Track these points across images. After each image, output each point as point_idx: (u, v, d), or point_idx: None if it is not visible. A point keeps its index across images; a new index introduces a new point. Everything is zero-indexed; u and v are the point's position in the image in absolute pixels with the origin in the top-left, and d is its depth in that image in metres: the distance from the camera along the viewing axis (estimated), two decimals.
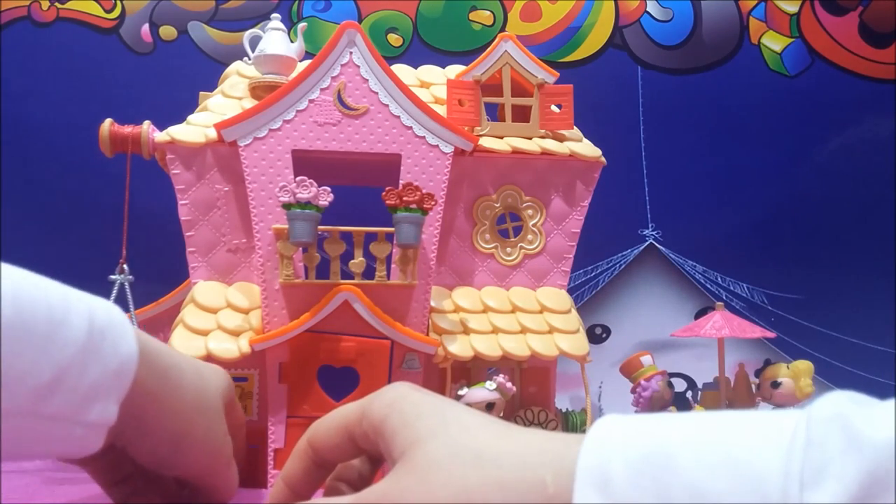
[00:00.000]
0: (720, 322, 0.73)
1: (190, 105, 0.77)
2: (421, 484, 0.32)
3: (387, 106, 0.69)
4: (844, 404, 0.27)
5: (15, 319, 0.34)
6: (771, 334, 0.79)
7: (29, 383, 0.34)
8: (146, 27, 1.14)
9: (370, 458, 0.41)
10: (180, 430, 0.44)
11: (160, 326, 0.80)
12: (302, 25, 0.79)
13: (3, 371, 0.33)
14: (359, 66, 0.69)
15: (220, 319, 0.68)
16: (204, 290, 0.70)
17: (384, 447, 0.36)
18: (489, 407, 0.67)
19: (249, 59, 0.77)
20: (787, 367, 0.76)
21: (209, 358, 0.65)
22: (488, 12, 1.19)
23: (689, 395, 1.13)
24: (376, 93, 0.69)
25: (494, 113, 0.79)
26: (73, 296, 0.38)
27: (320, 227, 0.65)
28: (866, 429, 0.25)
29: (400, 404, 0.36)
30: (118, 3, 1.14)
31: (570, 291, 0.78)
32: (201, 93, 0.80)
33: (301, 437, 0.41)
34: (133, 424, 0.40)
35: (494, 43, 0.77)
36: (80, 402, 0.36)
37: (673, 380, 0.78)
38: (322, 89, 0.69)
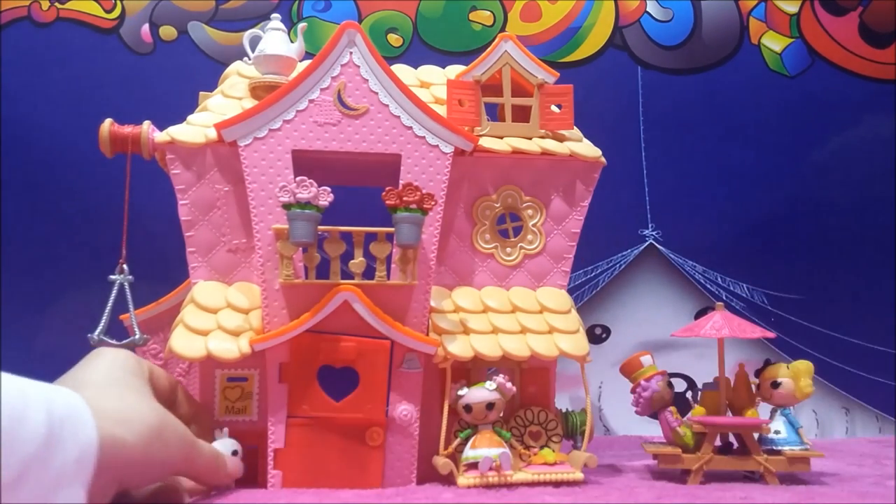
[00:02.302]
0: (720, 322, 0.73)
1: (190, 105, 0.77)
2: None
3: (387, 106, 0.69)
4: None
5: None
6: (771, 334, 0.78)
7: None
8: (146, 27, 1.14)
9: None
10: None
11: (160, 326, 0.80)
12: (302, 25, 0.79)
13: None
14: (359, 66, 0.69)
15: (220, 319, 0.68)
16: (204, 290, 0.70)
17: None
18: (489, 407, 0.67)
19: (249, 59, 0.77)
20: (787, 367, 0.76)
21: (209, 358, 0.65)
22: (488, 12, 1.19)
23: (688, 395, 1.13)
24: (376, 93, 0.69)
25: (494, 113, 0.79)
26: (30, 389, 0.41)
27: (320, 227, 0.65)
28: None
29: None
30: (118, 3, 1.14)
31: (570, 291, 0.78)
32: (201, 93, 0.80)
33: None
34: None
35: (494, 43, 0.77)
36: (47, 492, 0.39)
37: (673, 380, 0.78)
38: (322, 89, 0.69)
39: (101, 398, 0.47)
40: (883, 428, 1.15)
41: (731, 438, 0.77)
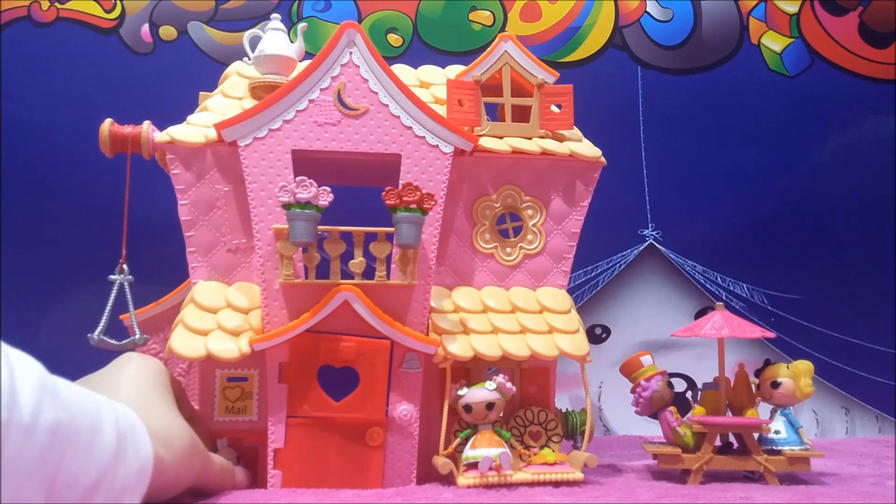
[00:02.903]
0: (720, 322, 0.73)
1: (190, 105, 0.77)
2: None
3: (387, 106, 0.69)
4: None
5: (69, 425, 0.38)
6: (771, 334, 0.78)
7: (80, 483, 0.38)
8: (146, 27, 1.14)
9: None
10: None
11: (160, 326, 0.80)
12: (302, 25, 0.79)
13: (63, 471, 0.37)
14: (359, 66, 0.69)
15: (220, 319, 0.68)
16: (204, 290, 0.70)
17: None
18: (489, 407, 0.67)
19: (249, 59, 0.77)
20: (787, 367, 0.76)
21: (209, 358, 0.65)
22: (488, 12, 1.19)
23: (688, 395, 1.13)
24: (376, 93, 0.69)
25: (494, 113, 0.79)
26: (100, 401, 0.43)
27: (320, 227, 0.65)
28: None
29: None
30: (118, 3, 1.14)
31: (570, 291, 0.78)
32: (201, 93, 0.80)
33: None
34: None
35: (494, 43, 0.77)
36: (114, 500, 0.40)
37: (673, 380, 0.78)
38: (322, 89, 0.69)
39: (146, 415, 0.48)
40: (883, 428, 1.15)
41: (731, 438, 0.77)
